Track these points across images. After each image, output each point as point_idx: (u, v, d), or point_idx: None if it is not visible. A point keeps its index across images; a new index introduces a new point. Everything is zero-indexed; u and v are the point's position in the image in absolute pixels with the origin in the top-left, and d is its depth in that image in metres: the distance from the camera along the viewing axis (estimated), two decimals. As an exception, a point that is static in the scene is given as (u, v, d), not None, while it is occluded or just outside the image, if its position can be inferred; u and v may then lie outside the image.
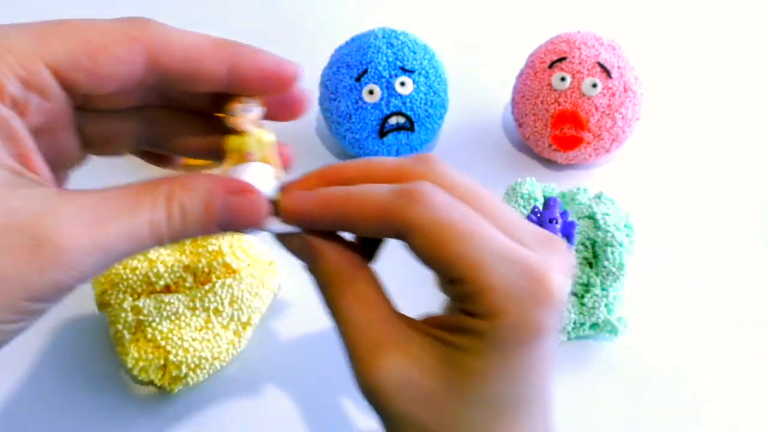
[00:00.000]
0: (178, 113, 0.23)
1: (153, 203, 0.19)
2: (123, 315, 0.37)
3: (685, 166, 0.53)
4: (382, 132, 0.48)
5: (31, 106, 0.18)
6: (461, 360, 0.21)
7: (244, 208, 0.20)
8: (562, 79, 0.47)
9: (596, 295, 0.40)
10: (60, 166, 0.21)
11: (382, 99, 0.47)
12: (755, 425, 0.38)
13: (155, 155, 0.25)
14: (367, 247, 0.24)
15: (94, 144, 0.21)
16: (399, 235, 0.21)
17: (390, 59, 0.47)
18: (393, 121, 0.47)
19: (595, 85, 0.46)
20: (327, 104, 0.49)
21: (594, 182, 0.51)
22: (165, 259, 0.39)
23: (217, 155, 0.22)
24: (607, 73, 0.47)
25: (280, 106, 0.23)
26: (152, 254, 0.39)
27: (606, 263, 0.40)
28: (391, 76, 0.47)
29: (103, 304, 0.38)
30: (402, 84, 0.47)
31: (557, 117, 0.48)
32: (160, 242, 0.20)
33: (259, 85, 0.21)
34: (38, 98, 0.18)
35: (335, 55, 0.50)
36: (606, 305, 0.40)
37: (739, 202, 0.50)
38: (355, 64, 0.47)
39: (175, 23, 0.20)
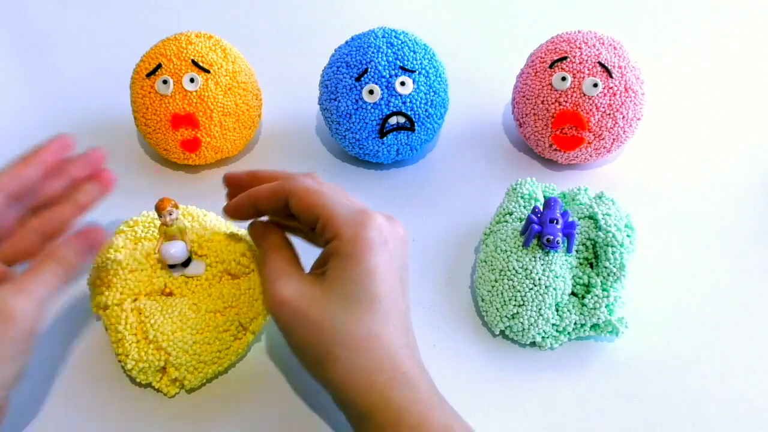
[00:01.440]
0: None
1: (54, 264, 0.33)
2: (124, 316, 0.37)
3: (686, 166, 0.53)
4: (382, 132, 0.47)
5: None
6: (327, 274, 0.33)
7: (91, 239, 0.35)
8: (563, 78, 0.47)
9: (597, 295, 0.40)
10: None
11: (382, 99, 0.47)
12: (755, 425, 0.38)
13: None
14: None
15: None
16: (285, 201, 0.34)
17: (390, 59, 0.47)
18: (393, 120, 0.47)
19: (596, 85, 0.46)
20: (327, 104, 0.49)
21: (595, 182, 0.51)
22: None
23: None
24: (608, 72, 0.46)
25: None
26: (153, 257, 0.39)
27: (607, 264, 0.40)
28: (391, 76, 0.47)
29: (99, 306, 0.38)
30: (402, 84, 0.47)
31: (558, 117, 0.47)
32: (65, 283, 0.33)
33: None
34: None
35: (335, 55, 0.49)
36: (607, 306, 0.39)
37: (740, 202, 0.50)
38: (355, 64, 0.47)
39: (177, 24, 0.20)
